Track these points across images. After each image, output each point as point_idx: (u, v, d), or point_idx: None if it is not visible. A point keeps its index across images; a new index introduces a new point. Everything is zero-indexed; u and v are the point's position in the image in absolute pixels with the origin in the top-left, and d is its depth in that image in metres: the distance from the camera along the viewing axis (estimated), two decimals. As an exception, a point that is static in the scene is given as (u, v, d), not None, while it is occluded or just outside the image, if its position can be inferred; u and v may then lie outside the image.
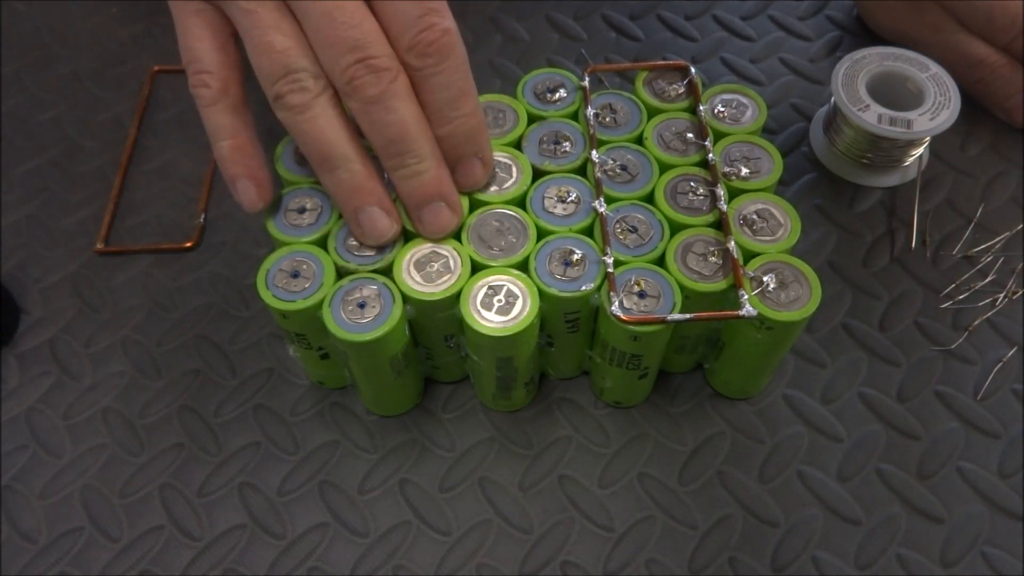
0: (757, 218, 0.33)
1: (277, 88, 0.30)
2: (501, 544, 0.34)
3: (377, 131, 0.30)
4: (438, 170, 0.31)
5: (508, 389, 0.35)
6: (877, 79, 0.42)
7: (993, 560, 0.34)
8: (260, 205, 0.32)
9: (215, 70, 0.31)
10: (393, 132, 0.30)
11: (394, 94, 0.29)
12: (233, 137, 0.31)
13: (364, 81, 0.29)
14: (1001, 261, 0.41)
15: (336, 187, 0.31)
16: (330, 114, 0.30)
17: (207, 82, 0.31)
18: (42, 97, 0.48)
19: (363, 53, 0.29)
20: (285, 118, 0.30)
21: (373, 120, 0.30)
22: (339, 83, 0.30)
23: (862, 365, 0.38)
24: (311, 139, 0.30)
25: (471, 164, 0.32)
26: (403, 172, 0.31)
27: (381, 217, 0.31)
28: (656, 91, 0.37)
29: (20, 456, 0.37)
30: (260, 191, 0.32)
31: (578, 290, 0.31)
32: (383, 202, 0.31)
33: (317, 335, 0.33)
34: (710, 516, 0.35)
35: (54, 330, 0.40)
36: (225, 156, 0.32)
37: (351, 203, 0.31)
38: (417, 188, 0.31)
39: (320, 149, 0.30)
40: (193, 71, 0.31)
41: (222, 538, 0.35)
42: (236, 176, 0.32)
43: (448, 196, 0.31)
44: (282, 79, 0.30)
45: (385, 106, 0.29)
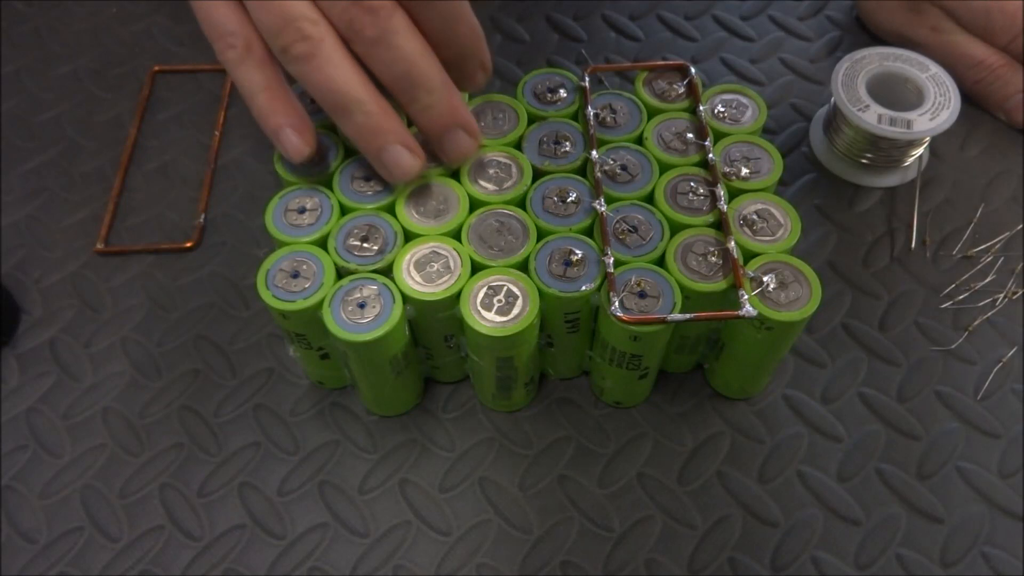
0: (757, 218, 0.33)
1: (281, 41, 0.30)
2: (501, 544, 0.34)
3: (384, 70, 0.30)
4: (451, 98, 0.32)
5: (508, 389, 0.35)
6: (877, 79, 0.42)
7: (993, 560, 0.34)
8: (306, 151, 0.32)
9: (236, 30, 0.31)
10: (400, 69, 0.30)
11: (394, 31, 0.30)
12: (267, 89, 0.32)
13: (363, 22, 0.29)
14: (1001, 261, 0.41)
15: (355, 131, 0.31)
16: (336, 59, 0.30)
17: (231, 43, 0.31)
18: (42, 97, 0.48)
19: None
20: (294, 71, 0.31)
21: (378, 60, 0.30)
22: (339, 27, 0.30)
23: (862, 365, 0.38)
24: (322, 87, 0.30)
25: (473, 75, 0.33)
26: (417, 106, 0.31)
27: (404, 154, 0.31)
28: (656, 91, 0.37)
29: (20, 456, 0.37)
30: (304, 137, 0.32)
31: (578, 290, 0.31)
32: (404, 139, 0.31)
33: (317, 335, 0.33)
34: (710, 516, 0.35)
35: (54, 330, 0.40)
36: (264, 109, 0.32)
37: (373, 144, 0.31)
38: (434, 119, 0.31)
39: (333, 96, 0.31)
40: (216, 36, 0.32)
41: (222, 538, 0.35)
42: (278, 127, 0.32)
43: (465, 122, 0.32)
44: (284, 30, 0.30)
45: (387, 44, 0.30)
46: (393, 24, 0.30)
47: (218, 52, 0.32)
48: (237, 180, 0.44)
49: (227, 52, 0.32)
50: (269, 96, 0.32)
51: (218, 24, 0.32)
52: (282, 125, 0.32)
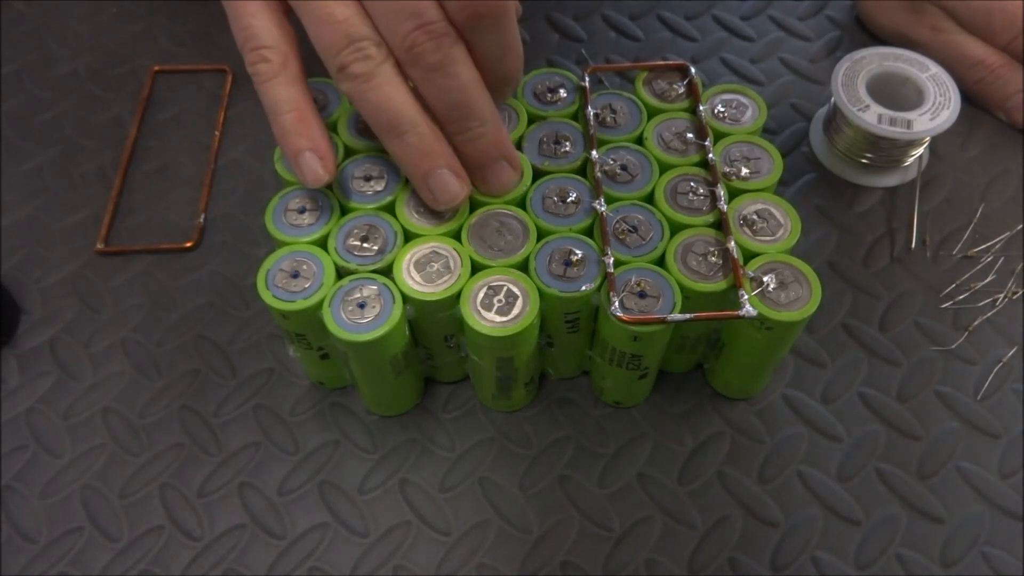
0: (757, 218, 0.33)
1: (341, 59, 0.30)
2: (501, 544, 0.34)
3: (440, 97, 0.30)
4: (499, 131, 0.32)
5: (508, 389, 0.35)
6: (877, 79, 0.42)
7: (993, 560, 0.34)
8: (325, 178, 0.32)
9: (274, 44, 0.31)
10: (455, 98, 0.30)
11: (454, 60, 0.30)
12: (295, 109, 0.31)
13: (424, 48, 0.29)
14: (1001, 261, 0.41)
15: (405, 152, 0.31)
16: (395, 81, 0.30)
17: (266, 56, 0.31)
18: (42, 97, 0.48)
19: (422, 20, 0.29)
20: (350, 88, 0.30)
21: (436, 87, 0.30)
22: (400, 51, 0.30)
23: (862, 365, 0.38)
24: (378, 107, 0.30)
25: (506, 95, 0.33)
26: (467, 136, 0.31)
27: (452, 179, 0.31)
28: (656, 91, 0.37)
29: (20, 456, 0.37)
30: (324, 163, 0.32)
31: (578, 290, 0.31)
32: (452, 164, 0.31)
33: (317, 335, 0.33)
34: (710, 516, 0.35)
35: (54, 330, 0.40)
36: (288, 129, 0.31)
37: (421, 167, 0.31)
38: (481, 150, 0.32)
39: (387, 116, 0.30)
40: (250, 48, 0.31)
41: (222, 538, 0.35)
42: (300, 150, 0.31)
43: (509, 155, 0.32)
44: (345, 49, 0.29)
45: (446, 72, 0.30)
46: (454, 53, 0.29)
47: (249, 62, 0.31)
48: (237, 180, 0.44)
49: (259, 64, 0.31)
50: (296, 117, 0.31)
51: (255, 34, 0.31)
52: (304, 149, 0.31)
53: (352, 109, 0.35)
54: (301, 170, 0.32)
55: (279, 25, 0.32)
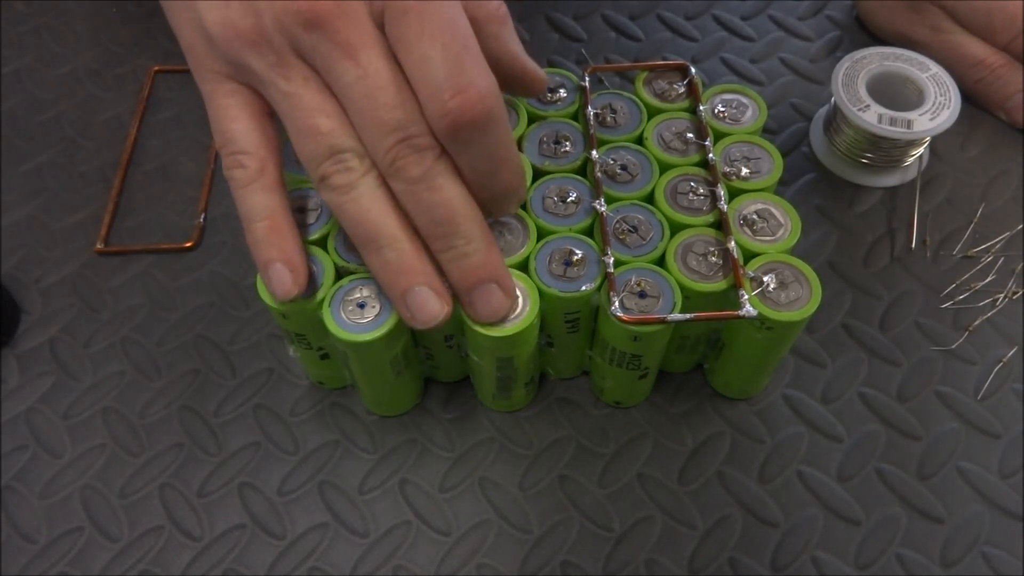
0: (757, 218, 0.33)
1: (322, 169, 0.29)
2: (501, 544, 0.34)
3: (423, 211, 0.29)
4: (489, 251, 0.30)
5: (508, 389, 0.35)
6: (877, 79, 0.42)
7: (993, 560, 0.34)
8: (295, 292, 0.30)
9: (253, 150, 0.30)
10: (439, 213, 0.29)
11: (439, 172, 0.28)
12: (269, 218, 0.30)
13: (408, 161, 0.28)
14: (1001, 261, 0.41)
15: (383, 268, 0.29)
16: (376, 193, 0.29)
17: (243, 163, 0.30)
18: (42, 97, 0.48)
19: (405, 133, 0.28)
20: (330, 199, 0.29)
21: (419, 200, 0.29)
22: (383, 164, 0.28)
23: (862, 365, 0.38)
24: (357, 219, 0.29)
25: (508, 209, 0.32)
26: (451, 254, 0.29)
27: (431, 298, 0.29)
28: (656, 91, 0.37)
29: (20, 456, 0.37)
30: (295, 276, 0.30)
31: (578, 290, 0.31)
32: (432, 282, 0.29)
33: (317, 335, 0.33)
34: (710, 516, 0.35)
35: (54, 330, 0.40)
36: (260, 239, 0.30)
37: (399, 284, 0.29)
38: (467, 270, 0.29)
39: (366, 228, 0.29)
40: (228, 152, 0.30)
41: (222, 538, 0.35)
42: (270, 260, 0.30)
43: (500, 277, 0.30)
44: (327, 160, 0.29)
45: (430, 185, 0.28)
46: (438, 167, 0.28)
47: (225, 167, 0.30)
48: (237, 180, 0.44)
49: (235, 170, 0.30)
50: (269, 225, 0.30)
51: (234, 138, 0.30)
52: (274, 260, 0.30)
53: None
54: (270, 281, 0.30)
55: (259, 129, 0.31)
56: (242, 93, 0.30)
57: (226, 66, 0.30)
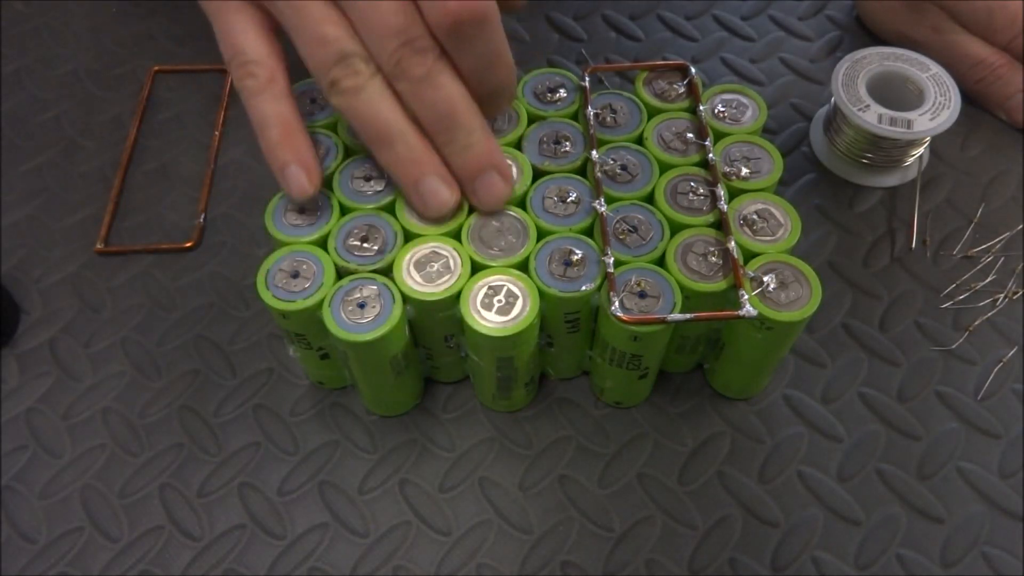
0: (757, 218, 0.33)
1: (332, 74, 0.31)
2: (501, 544, 0.34)
3: (427, 108, 0.31)
4: (488, 141, 0.32)
5: (508, 389, 0.35)
6: (877, 79, 0.42)
7: (993, 560, 0.34)
8: (310, 191, 0.32)
9: (262, 60, 0.32)
10: (442, 108, 0.31)
11: (439, 71, 0.30)
12: (281, 124, 0.32)
13: (411, 62, 0.30)
14: (1001, 261, 0.41)
15: (395, 161, 0.32)
16: (384, 94, 0.31)
17: (254, 72, 0.32)
18: (42, 97, 0.48)
19: (407, 36, 0.30)
20: (340, 103, 0.31)
21: (422, 98, 0.31)
22: (388, 67, 0.31)
23: (862, 365, 0.38)
24: (368, 118, 0.31)
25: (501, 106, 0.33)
26: (454, 146, 0.32)
27: (441, 187, 0.32)
28: (656, 91, 0.37)
29: (20, 456, 0.37)
30: (309, 176, 0.32)
31: (578, 290, 0.31)
32: (441, 172, 0.32)
33: (317, 335, 0.33)
34: (710, 516, 0.35)
35: (54, 330, 0.40)
36: (274, 143, 0.32)
37: (411, 175, 0.32)
38: (469, 161, 0.32)
39: (378, 127, 0.31)
40: (238, 64, 0.32)
41: (222, 538, 0.35)
42: (286, 163, 0.32)
43: (500, 165, 0.32)
44: (336, 65, 0.30)
45: (432, 83, 0.30)
46: (439, 66, 0.30)
47: (236, 78, 0.32)
48: (237, 180, 0.44)
49: (246, 80, 0.32)
50: (282, 131, 0.32)
51: (243, 49, 0.32)
52: (290, 162, 0.32)
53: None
54: (287, 183, 0.32)
55: (267, 41, 0.32)
56: (248, 9, 0.32)
57: None
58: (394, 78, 0.31)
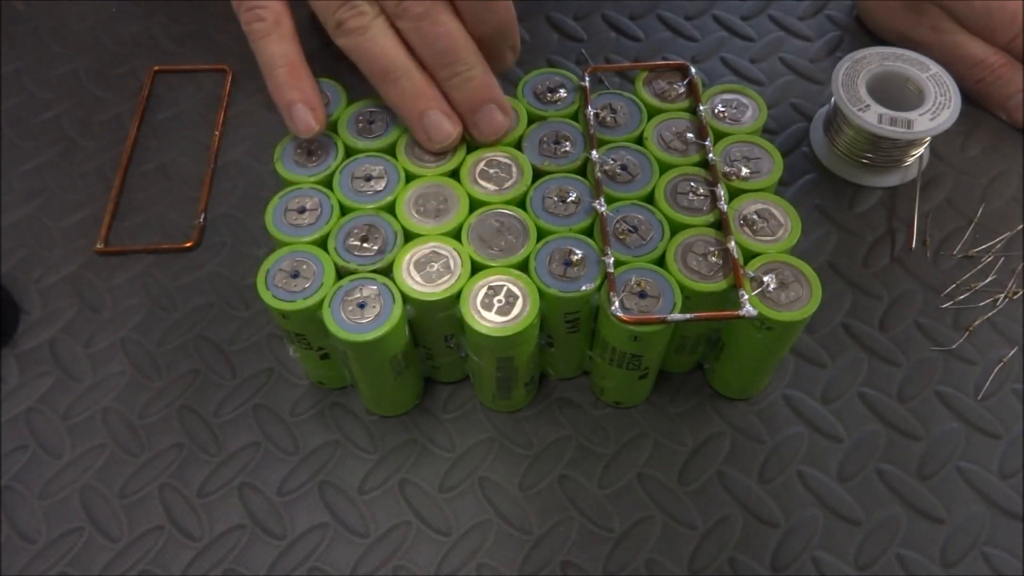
0: (757, 218, 0.33)
1: (338, 16, 0.33)
2: (501, 544, 0.34)
3: (428, 44, 0.33)
4: (486, 75, 0.34)
5: (508, 389, 0.35)
6: (877, 79, 0.42)
7: (993, 560, 0.34)
8: (316, 128, 0.34)
9: (268, 3, 0.34)
10: (442, 44, 0.33)
11: (439, 9, 0.33)
12: (288, 64, 0.34)
13: (412, 2, 0.32)
14: (1001, 261, 0.41)
15: (399, 95, 0.33)
16: (387, 33, 0.33)
17: (261, 15, 0.34)
18: (42, 97, 0.48)
19: None
20: (347, 43, 0.33)
21: (423, 35, 0.33)
22: (390, 7, 0.33)
23: (862, 365, 0.38)
24: (373, 56, 0.33)
25: (504, 55, 0.36)
26: (455, 81, 0.33)
27: (443, 120, 0.33)
28: (656, 91, 0.37)
29: (20, 456, 0.37)
30: (315, 114, 0.34)
31: (578, 290, 0.31)
32: (443, 106, 0.34)
33: (317, 335, 0.33)
34: (710, 516, 0.35)
35: (54, 330, 0.40)
36: (282, 82, 0.34)
37: (416, 108, 0.33)
38: (470, 94, 0.33)
39: (382, 63, 0.33)
40: (247, 7, 0.34)
41: (222, 538, 0.35)
42: (292, 102, 0.33)
43: (499, 99, 0.34)
44: (342, 7, 0.33)
45: (432, 20, 0.33)
46: (439, 4, 0.33)
47: (244, 22, 0.34)
48: (237, 180, 0.44)
49: (254, 23, 0.34)
50: (289, 71, 0.34)
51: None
52: (296, 100, 0.33)
53: (351, 109, 0.36)
54: (293, 121, 0.34)
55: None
56: None
57: None
58: (396, 17, 0.33)
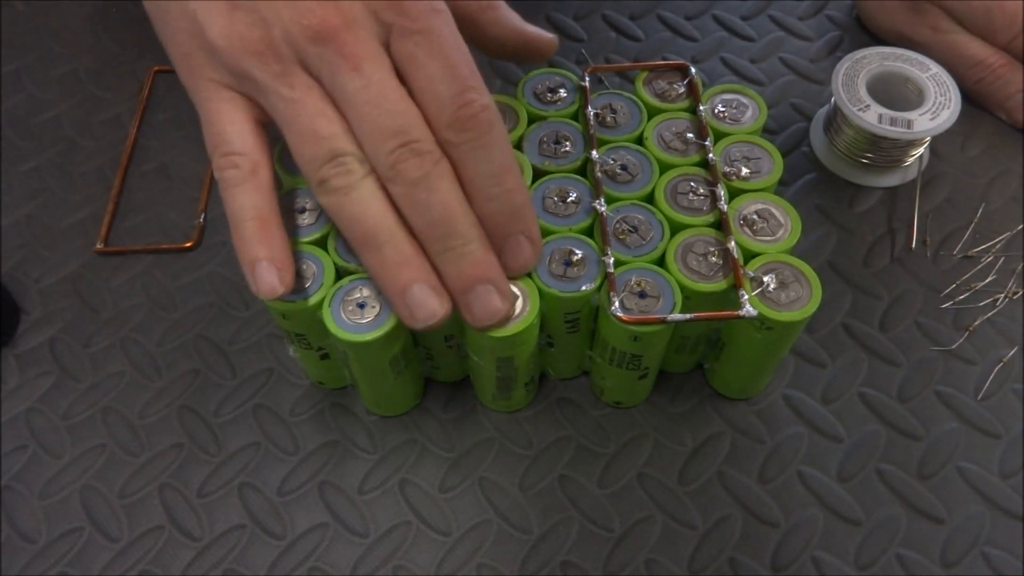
0: (757, 218, 0.33)
1: (322, 172, 0.29)
2: (501, 544, 0.34)
3: (420, 213, 0.29)
4: (484, 252, 0.30)
5: (508, 389, 0.35)
6: (877, 79, 0.42)
7: (993, 560, 0.34)
8: (279, 290, 0.30)
9: (247, 152, 0.30)
10: (437, 213, 0.29)
11: (438, 175, 0.29)
12: (258, 218, 0.30)
13: (408, 164, 0.29)
14: (1001, 261, 0.41)
15: (381, 266, 0.29)
16: (375, 195, 0.29)
17: (237, 163, 0.30)
18: (42, 97, 0.48)
19: (407, 138, 0.28)
20: (329, 202, 0.29)
21: (417, 202, 0.29)
22: (382, 168, 0.29)
23: (862, 365, 0.38)
24: (356, 219, 0.29)
25: (518, 244, 0.30)
26: (448, 255, 0.29)
27: (429, 296, 0.29)
28: (656, 91, 0.37)
29: (20, 456, 0.37)
30: (281, 275, 0.30)
31: (578, 290, 0.31)
32: (431, 280, 0.29)
33: (317, 335, 0.33)
34: (710, 516, 0.35)
35: (54, 330, 0.40)
36: (248, 236, 0.30)
37: (398, 281, 0.29)
38: (463, 270, 0.29)
39: (365, 228, 0.29)
40: (221, 153, 0.30)
41: (222, 538, 0.35)
42: (257, 259, 0.30)
43: (496, 279, 0.30)
44: (327, 163, 0.29)
45: (428, 186, 0.29)
46: (438, 169, 0.29)
47: (218, 168, 0.30)
48: (237, 180, 0.44)
49: (228, 171, 0.30)
50: (259, 225, 0.30)
51: (228, 140, 0.30)
52: (261, 258, 0.30)
53: None
54: (256, 280, 0.30)
55: (254, 133, 0.31)
56: (238, 100, 0.31)
57: (226, 76, 0.30)
58: (389, 180, 0.29)
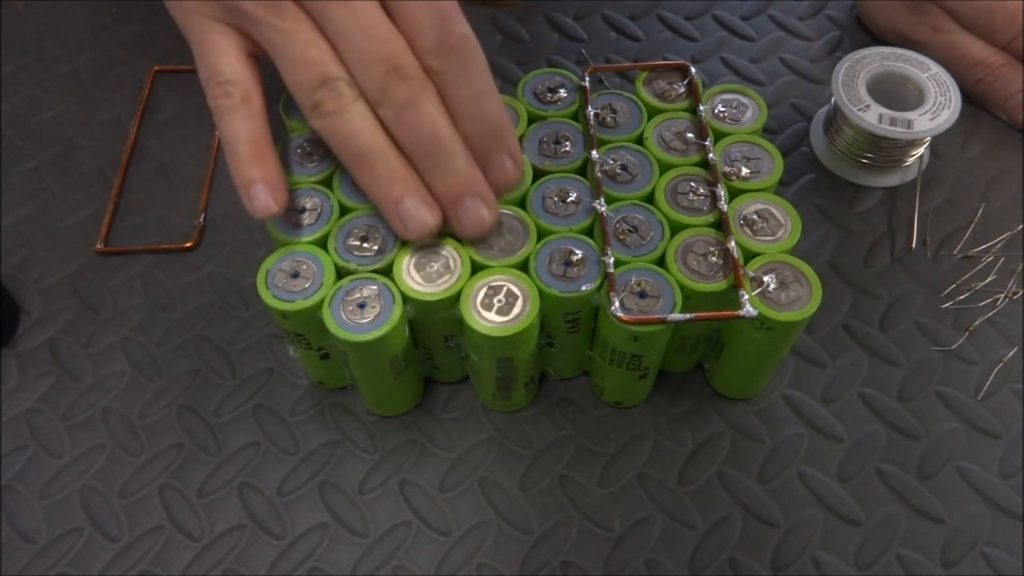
0: (757, 218, 0.33)
1: (315, 96, 0.30)
2: (501, 544, 0.34)
3: (409, 134, 0.31)
4: (471, 167, 0.31)
5: (508, 389, 0.35)
6: (877, 79, 0.42)
7: (993, 560, 0.34)
8: (274, 209, 0.31)
9: (239, 81, 0.32)
10: (425, 133, 0.30)
11: (424, 99, 0.30)
12: (252, 142, 0.32)
13: (396, 88, 0.30)
14: (1002, 261, 0.41)
15: (374, 181, 0.31)
16: (366, 116, 0.31)
17: (230, 92, 0.32)
18: (42, 97, 0.48)
19: (394, 63, 0.30)
20: (322, 124, 0.31)
21: (405, 124, 0.31)
22: (371, 92, 0.30)
23: (862, 365, 0.38)
24: (348, 138, 0.31)
25: (501, 161, 0.32)
26: (438, 171, 0.31)
27: (421, 208, 0.31)
28: (656, 91, 0.37)
29: (20, 456, 0.37)
30: (275, 195, 0.31)
31: (578, 290, 0.31)
32: (422, 193, 0.31)
33: (317, 335, 0.33)
34: (710, 516, 0.35)
35: (54, 330, 0.40)
36: (243, 158, 0.31)
37: (391, 194, 0.31)
38: (452, 185, 0.31)
39: (359, 145, 0.31)
40: (215, 83, 0.32)
41: (222, 538, 0.35)
42: (251, 180, 0.31)
43: (483, 192, 0.31)
44: (320, 88, 0.30)
45: (416, 109, 0.30)
46: (425, 93, 0.30)
47: (212, 96, 0.32)
48: (237, 180, 0.44)
49: (221, 99, 0.32)
50: (252, 149, 0.31)
51: (221, 70, 0.32)
52: (255, 179, 0.31)
53: None
54: (251, 200, 0.31)
55: (247, 64, 0.32)
56: (230, 33, 0.32)
57: (218, 10, 0.32)
58: (377, 104, 0.31)
